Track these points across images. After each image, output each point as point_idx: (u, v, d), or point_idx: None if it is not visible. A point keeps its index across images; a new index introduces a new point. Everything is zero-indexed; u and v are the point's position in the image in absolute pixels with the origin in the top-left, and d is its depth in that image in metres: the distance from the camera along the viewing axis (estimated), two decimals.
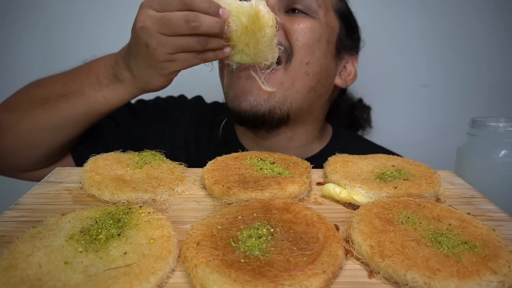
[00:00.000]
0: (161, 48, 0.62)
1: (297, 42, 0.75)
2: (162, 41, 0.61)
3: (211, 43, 0.62)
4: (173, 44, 0.61)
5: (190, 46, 0.61)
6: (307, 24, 0.76)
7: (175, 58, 0.63)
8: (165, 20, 0.60)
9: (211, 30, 0.60)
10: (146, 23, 0.61)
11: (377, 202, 0.50)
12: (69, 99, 0.71)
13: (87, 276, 0.36)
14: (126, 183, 0.54)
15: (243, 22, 0.61)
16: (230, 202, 0.53)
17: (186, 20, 0.59)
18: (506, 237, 0.46)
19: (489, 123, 0.75)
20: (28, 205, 0.52)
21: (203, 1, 0.60)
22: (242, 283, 0.34)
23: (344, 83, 0.87)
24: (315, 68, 0.78)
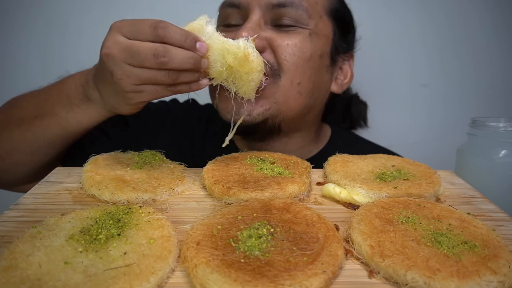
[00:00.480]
0: (126, 79, 0.56)
1: (285, 62, 0.72)
2: (128, 71, 0.55)
3: (183, 77, 0.56)
4: (139, 76, 0.56)
5: (157, 80, 0.56)
6: (296, 43, 0.72)
7: (141, 89, 0.58)
8: (132, 51, 0.54)
9: (182, 65, 0.54)
10: (112, 51, 0.55)
11: (377, 202, 0.50)
12: (43, 120, 0.68)
13: (87, 276, 0.36)
14: (126, 183, 0.54)
15: (228, 61, 0.55)
16: (230, 202, 0.53)
17: (154, 54, 0.53)
18: (506, 237, 0.46)
19: (489, 123, 0.75)
20: (28, 205, 0.52)
21: (178, 33, 0.54)
22: (242, 283, 0.34)
23: (340, 88, 0.85)
24: (308, 86, 0.75)
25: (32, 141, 0.69)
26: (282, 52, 0.72)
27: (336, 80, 0.84)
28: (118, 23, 0.57)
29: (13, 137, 0.69)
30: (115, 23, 0.57)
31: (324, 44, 0.77)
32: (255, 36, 0.66)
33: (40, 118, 0.68)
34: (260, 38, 0.70)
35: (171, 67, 0.54)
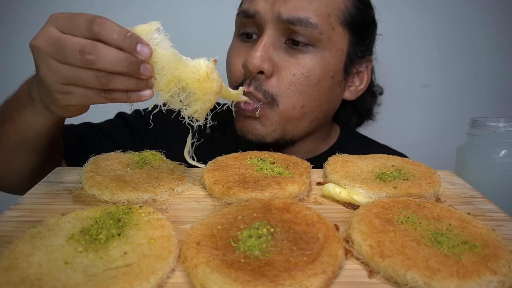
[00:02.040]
0: (51, 76, 0.49)
1: (289, 90, 0.72)
2: (52, 67, 0.49)
3: (116, 83, 0.48)
4: (63, 74, 0.49)
5: (83, 81, 0.48)
6: (304, 69, 0.71)
7: (68, 90, 0.50)
8: (58, 44, 0.48)
9: (112, 67, 0.46)
10: (39, 43, 0.49)
11: (377, 202, 0.50)
12: (4, 127, 0.64)
13: (87, 276, 0.36)
14: (126, 183, 0.54)
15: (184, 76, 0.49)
16: (230, 202, 0.53)
17: (80, 50, 0.46)
18: (506, 237, 0.46)
19: (489, 123, 0.75)
20: (28, 205, 0.52)
21: (115, 31, 0.46)
22: (242, 283, 0.34)
23: (355, 94, 0.83)
24: (313, 106, 0.75)
25: (2, 149, 0.66)
26: (288, 82, 0.72)
27: (350, 88, 0.82)
28: (55, 15, 0.51)
29: None
30: (53, 15, 0.51)
31: (337, 61, 0.75)
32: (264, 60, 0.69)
33: (2, 125, 0.65)
34: (271, 62, 0.71)
35: (99, 67, 0.47)
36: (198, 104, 0.51)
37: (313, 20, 0.70)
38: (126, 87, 0.49)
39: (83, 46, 0.46)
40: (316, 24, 0.70)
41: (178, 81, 0.49)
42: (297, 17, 0.70)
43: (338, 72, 0.76)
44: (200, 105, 0.51)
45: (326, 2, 0.72)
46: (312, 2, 0.71)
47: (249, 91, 0.72)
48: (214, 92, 0.51)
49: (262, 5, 0.72)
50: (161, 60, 0.48)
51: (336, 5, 0.73)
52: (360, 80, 0.83)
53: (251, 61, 0.70)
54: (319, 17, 0.71)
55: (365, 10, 0.79)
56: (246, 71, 0.72)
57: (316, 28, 0.70)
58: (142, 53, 0.47)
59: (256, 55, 0.70)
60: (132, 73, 0.47)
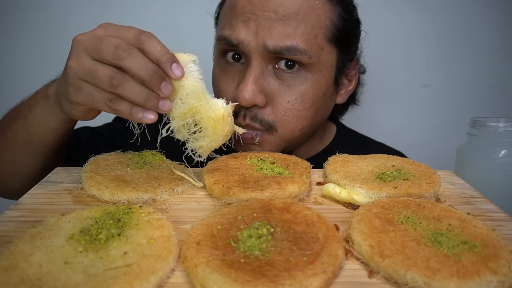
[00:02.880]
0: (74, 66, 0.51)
1: (285, 117, 0.71)
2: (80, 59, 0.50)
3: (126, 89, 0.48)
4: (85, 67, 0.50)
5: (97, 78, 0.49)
6: (297, 96, 0.70)
7: (80, 86, 0.51)
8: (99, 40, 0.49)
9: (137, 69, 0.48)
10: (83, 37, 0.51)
11: (377, 202, 0.50)
12: (14, 124, 0.65)
13: (87, 276, 0.36)
14: (126, 183, 0.54)
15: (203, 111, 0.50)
16: (230, 202, 0.53)
17: (116, 46, 0.48)
18: (506, 237, 0.46)
19: (489, 123, 0.75)
20: (28, 205, 0.52)
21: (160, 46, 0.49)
22: (242, 283, 0.34)
23: (346, 96, 0.83)
24: (309, 123, 0.75)
25: (9, 148, 0.67)
26: (283, 110, 0.71)
27: (340, 92, 0.82)
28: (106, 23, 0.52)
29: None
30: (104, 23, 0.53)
31: (327, 78, 0.74)
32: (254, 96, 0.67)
33: (13, 123, 0.66)
34: (264, 93, 0.70)
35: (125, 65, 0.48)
36: (206, 140, 0.52)
37: (300, 46, 0.67)
38: (134, 97, 0.48)
39: (120, 43, 0.48)
40: (304, 50, 0.68)
41: (195, 113, 0.50)
42: (284, 45, 0.67)
43: (330, 87, 0.76)
44: (207, 142, 0.52)
45: (311, 24, 0.69)
46: (297, 27, 0.67)
47: (246, 123, 0.71)
48: (225, 134, 0.53)
49: (245, 33, 0.68)
50: (189, 87, 0.49)
51: (321, 24, 0.70)
52: (349, 81, 0.83)
53: (243, 97, 0.67)
54: (307, 42, 0.68)
55: (350, 17, 0.76)
56: (239, 105, 0.69)
57: (304, 54, 0.68)
58: (176, 70, 0.48)
59: (248, 90, 0.67)
60: (152, 84, 0.48)
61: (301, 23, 0.68)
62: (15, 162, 0.67)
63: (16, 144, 0.65)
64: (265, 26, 0.67)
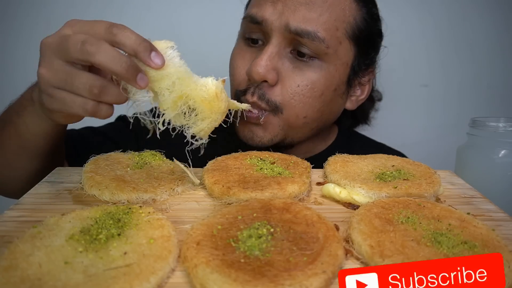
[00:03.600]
0: (46, 74, 0.48)
1: (292, 101, 0.72)
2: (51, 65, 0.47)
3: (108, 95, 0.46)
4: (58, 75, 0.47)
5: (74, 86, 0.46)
6: (308, 81, 0.71)
7: (54, 94, 0.48)
8: (64, 39, 0.46)
9: (110, 63, 0.44)
10: (48, 40, 0.48)
11: (377, 202, 0.50)
12: (5, 129, 0.64)
13: (87, 276, 0.36)
14: (126, 183, 0.54)
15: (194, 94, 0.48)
16: (230, 202, 0.53)
17: (83, 41, 0.44)
18: (506, 237, 0.46)
19: (489, 123, 0.75)
20: (28, 205, 0.52)
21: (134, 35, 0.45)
22: (242, 283, 0.34)
23: (355, 104, 0.83)
24: (315, 116, 0.75)
25: (4, 153, 0.66)
26: (291, 93, 0.72)
27: (351, 98, 0.82)
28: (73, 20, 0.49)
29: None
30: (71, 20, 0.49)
31: (341, 75, 0.75)
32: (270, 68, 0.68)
33: (4, 128, 0.65)
34: (276, 71, 0.71)
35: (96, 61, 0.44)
36: (205, 123, 0.51)
37: (320, 34, 0.69)
38: (115, 101, 0.47)
39: (87, 38, 0.45)
40: (323, 38, 0.69)
41: (187, 98, 0.48)
42: (305, 29, 0.69)
43: (341, 85, 0.76)
44: (206, 124, 0.51)
45: (335, 16, 0.71)
46: (322, 14, 0.70)
47: (253, 100, 0.72)
48: (222, 111, 0.51)
49: (270, 13, 0.71)
50: (173, 75, 0.47)
51: (345, 18, 0.72)
52: (362, 90, 0.83)
53: (256, 70, 0.69)
54: (327, 31, 0.70)
55: (373, 23, 0.78)
56: (251, 79, 0.72)
57: (323, 42, 0.69)
58: (155, 59, 0.46)
59: (261, 64, 0.69)
60: (127, 78, 0.45)
61: (326, 12, 0.70)
62: (12, 165, 0.67)
63: (11, 149, 0.65)
64: (290, 8, 0.70)
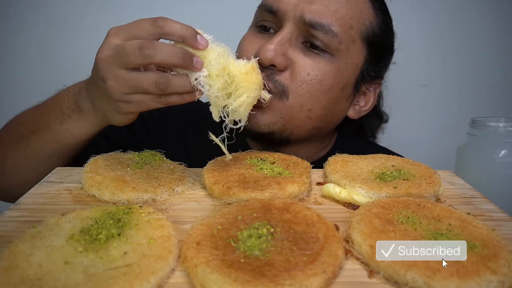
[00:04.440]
0: (115, 85, 0.53)
1: (299, 89, 0.69)
2: (117, 77, 0.52)
3: (173, 87, 0.51)
4: (128, 83, 0.52)
5: (144, 88, 0.52)
6: (317, 74, 0.69)
7: (130, 99, 0.54)
8: (119, 48, 0.51)
9: (168, 59, 0.50)
10: (104, 54, 0.53)
11: (377, 202, 0.50)
12: (39, 135, 0.66)
13: (87, 276, 0.36)
14: (126, 183, 0.54)
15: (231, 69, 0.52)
16: (230, 202, 0.53)
17: (139, 47, 0.50)
18: (506, 237, 0.46)
19: (489, 123, 0.75)
20: (28, 205, 0.52)
21: (178, 24, 0.51)
22: (242, 283, 0.34)
23: (357, 114, 0.81)
24: (319, 113, 0.73)
25: (32, 156, 0.67)
26: (300, 78, 0.69)
27: (355, 106, 0.81)
28: (114, 28, 0.54)
29: (15, 154, 0.69)
30: (112, 28, 0.54)
31: (350, 74, 0.74)
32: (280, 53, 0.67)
33: (37, 133, 0.67)
34: (286, 57, 0.69)
35: (157, 61, 0.50)
36: (243, 96, 0.54)
37: (334, 28, 0.69)
38: (181, 90, 0.52)
39: (141, 43, 0.50)
40: (337, 33, 0.69)
41: (227, 71, 0.52)
42: (320, 22, 0.68)
43: (349, 86, 0.75)
44: (245, 98, 0.54)
45: (351, 14, 0.71)
46: (338, 10, 0.69)
47: None
48: (259, 83, 0.55)
49: (286, 3, 0.70)
50: (215, 51, 0.52)
51: (361, 19, 0.72)
52: (366, 102, 0.82)
53: (265, 53, 0.67)
54: (341, 27, 0.69)
55: (387, 34, 0.79)
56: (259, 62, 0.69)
57: (336, 37, 0.69)
58: (202, 41, 0.51)
59: (270, 48, 0.67)
60: (186, 66, 0.50)
61: (343, 8, 0.70)
62: (38, 168, 0.67)
63: (43, 154, 0.66)
64: (307, 0, 0.69)
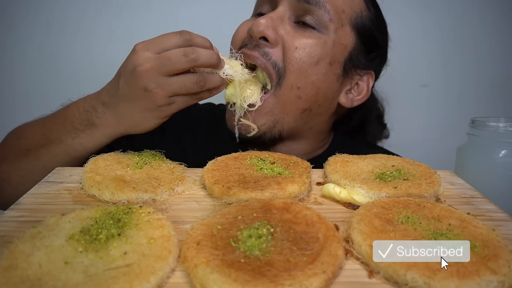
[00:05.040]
0: (160, 92, 0.60)
1: (290, 65, 0.72)
2: (162, 83, 0.60)
3: (209, 83, 0.63)
4: (172, 87, 0.60)
5: (187, 88, 0.61)
6: (305, 47, 0.72)
7: (173, 101, 0.63)
8: (163, 58, 0.59)
9: (209, 60, 0.61)
10: (145, 66, 0.59)
11: (377, 202, 0.50)
12: (49, 148, 0.69)
13: (87, 276, 0.36)
14: (126, 183, 0.54)
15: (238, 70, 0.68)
16: (230, 202, 0.53)
17: (184, 54, 0.59)
18: (506, 237, 0.46)
19: (489, 123, 0.75)
20: (28, 205, 0.52)
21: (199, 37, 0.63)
22: (242, 283, 0.34)
23: (350, 102, 0.82)
24: (309, 91, 0.74)
25: (41, 169, 0.68)
26: (290, 54, 0.72)
27: (347, 94, 0.82)
28: (140, 44, 0.61)
29: (22, 167, 0.70)
30: (137, 44, 0.61)
31: (338, 52, 0.75)
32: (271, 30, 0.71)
33: (46, 147, 0.69)
34: (276, 32, 0.72)
35: (200, 63, 0.60)
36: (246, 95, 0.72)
37: (328, 6, 0.72)
38: (215, 85, 0.64)
39: (184, 51, 0.59)
40: (329, 10, 0.72)
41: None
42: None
43: (337, 64, 0.76)
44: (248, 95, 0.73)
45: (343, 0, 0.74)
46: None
47: (252, 53, 0.73)
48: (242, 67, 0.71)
49: None
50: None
51: (352, 6, 0.75)
52: (359, 92, 0.83)
53: (256, 26, 0.71)
54: (334, 8, 0.73)
55: (378, 29, 0.81)
56: (251, 35, 0.73)
57: (328, 13, 0.72)
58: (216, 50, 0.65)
59: (261, 22, 0.71)
60: (218, 65, 0.63)
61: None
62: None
63: (51, 166, 0.67)
64: None
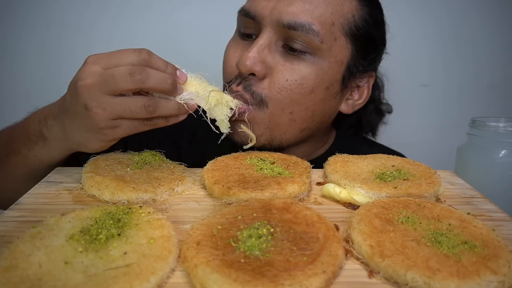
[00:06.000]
0: (101, 113, 0.51)
1: (278, 95, 0.68)
2: (103, 103, 0.51)
3: (161, 109, 0.53)
4: (114, 108, 0.51)
5: (133, 112, 0.52)
6: (297, 77, 0.68)
7: (117, 124, 0.53)
8: (106, 75, 0.50)
9: (159, 85, 0.52)
10: (87, 81, 0.51)
11: (377, 202, 0.50)
12: (10, 159, 0.66)
13: (87, 276, 0.36)
14: (126, 183, 0.54)
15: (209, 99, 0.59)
16: (230, 202, 0.53)
17: (130, 73, 0.50)
18: (506, 237, 0.46)
19: (489, 123, 0.75)
20: (28, 205, 0.52)
21: (160, 60, 0.53)
22: (242, 283, 0.34)
23: (351, 108, 0.79)
24: (303, 115, 0.71)
25: (10, 179, 0.67)
26: (279, 87, 0.68)
27: (347, 101, 0.79)
28: (93, 56, 0.53)
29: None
30: (90, 56, 0.53)
31: (335, 73, 0.71)
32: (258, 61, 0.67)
33: (10, 157, 0.66)
34: (265, 64, 0.69)
35: (148, 86, 0.51)
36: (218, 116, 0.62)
37: (315, 27, 0.66)
38: (169, 113, 0.54)
39: (131, 69, 0.50)
40: (318, 31, 0.67)
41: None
42: (299, 22, 0.66)
43: (335, 84, 0.73)
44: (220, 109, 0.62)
45: (332, 9, 0.68)
46: (317, 7, 0.67)
47: (237, 90, 0.70)
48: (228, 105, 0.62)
49: (263, 6, 0.69)
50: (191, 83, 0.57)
51: (342, 13, 0.70)
52: (360, 95, 0.80)
53: (243, 62, 0.67)
54: (322, 25, 0.67)
55: (374, 25, 0.75)
56: (239, 71, 0.70)
57: (317, 35, 0.67)
58: (182, 77, 0.55)
59: (249, 56, 0.67)
60: (172, 92, 0.54)
61: (322, 4, 0.68)
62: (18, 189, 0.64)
63: (17, 177, 0.66)
64: (284, 2, 0.68)
